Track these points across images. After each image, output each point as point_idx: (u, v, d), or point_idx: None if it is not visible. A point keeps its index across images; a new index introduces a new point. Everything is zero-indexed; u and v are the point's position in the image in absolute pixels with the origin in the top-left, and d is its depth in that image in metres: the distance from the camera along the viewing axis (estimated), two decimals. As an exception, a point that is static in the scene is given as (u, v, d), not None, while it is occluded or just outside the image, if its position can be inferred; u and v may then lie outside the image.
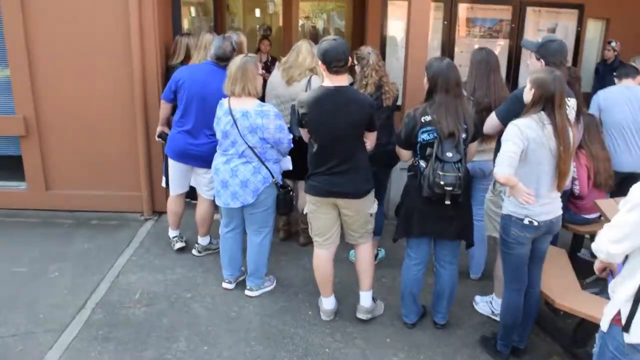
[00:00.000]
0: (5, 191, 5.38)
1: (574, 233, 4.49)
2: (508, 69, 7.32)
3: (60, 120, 5.10)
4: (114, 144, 5.13)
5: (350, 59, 3.35)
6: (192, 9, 6.63)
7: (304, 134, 3.48)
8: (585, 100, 5.48)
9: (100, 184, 5.23)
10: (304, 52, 4.32)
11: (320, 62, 3.28)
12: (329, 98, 3.26)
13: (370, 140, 3.46)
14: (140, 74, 4.87)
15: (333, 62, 3.20)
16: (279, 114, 3.62)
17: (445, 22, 7.10)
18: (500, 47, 7.26)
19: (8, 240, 4.78)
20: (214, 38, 4.27)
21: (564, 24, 7.38)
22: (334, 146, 3.30)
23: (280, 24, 9.65)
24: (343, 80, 3.29)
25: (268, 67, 7.34)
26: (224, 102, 3.62)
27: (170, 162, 4.31)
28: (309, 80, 4.26)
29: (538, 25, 7.31)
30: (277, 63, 4.62)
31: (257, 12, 10.91)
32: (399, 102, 4.44)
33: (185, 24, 5.98)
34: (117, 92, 5.00)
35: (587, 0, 7.22)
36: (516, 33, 7.25)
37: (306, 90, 4.17)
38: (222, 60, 4.03)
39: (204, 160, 4.04)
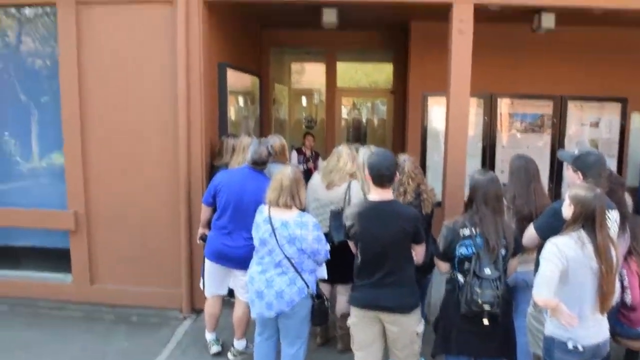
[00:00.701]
0: (52, 283, 5.54)
1: (627, 349, 4.17)
2: (552, 162, 7.23)
3: (108, 217, 5.31)
4: (157, 241, 5.27)
5: (397, 173, 3.39)
6: (240, 98, 6.82)
7: (351, 245, 3.48)
8: (632, 195, 5.30)
9: (142, 280, 5.34)
10: (344, 156, 4.34)
11: (366, 174, 3.33)
12: (374, 212, 3.28)
13: (417, 253, 3.41)
14: (186, 175, 5.06)
15: (378, 176, 3.26)
16: (318, 225, 3.64)
17: (486, 118, 7.14)
18: (542, 142, 7.22)
19: (51, 336, 4.87)
20: (252, 142, 4.42)
21: (608, 118, 7.30)
22: (380, 259, 3.27)
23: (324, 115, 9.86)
24: (388, 194, 3.32)
25: (314, 162, 7.49)
26: (264, 209, 3.66)
27: (208, 263, 4.34)
28: (349, 186, 4.25)
29: (581, 120, 7.25)
30: (319, 160, 4.63)
31: (304, 101, 11.18)
32: (439, 199, 4.43)
33: (232, 113, 6.17)
34: (163, 192, 5.20)
35: (630, 94, 7.16)
36: (558, 127, 7.21)
37: (345, 195, 4.22)
38: (258, 164, 4.18)
39: (241, 262, 4.06)
